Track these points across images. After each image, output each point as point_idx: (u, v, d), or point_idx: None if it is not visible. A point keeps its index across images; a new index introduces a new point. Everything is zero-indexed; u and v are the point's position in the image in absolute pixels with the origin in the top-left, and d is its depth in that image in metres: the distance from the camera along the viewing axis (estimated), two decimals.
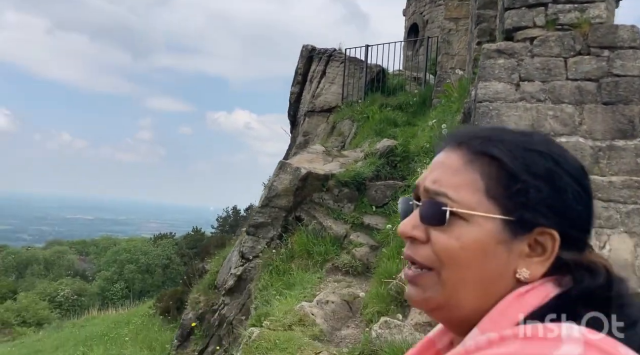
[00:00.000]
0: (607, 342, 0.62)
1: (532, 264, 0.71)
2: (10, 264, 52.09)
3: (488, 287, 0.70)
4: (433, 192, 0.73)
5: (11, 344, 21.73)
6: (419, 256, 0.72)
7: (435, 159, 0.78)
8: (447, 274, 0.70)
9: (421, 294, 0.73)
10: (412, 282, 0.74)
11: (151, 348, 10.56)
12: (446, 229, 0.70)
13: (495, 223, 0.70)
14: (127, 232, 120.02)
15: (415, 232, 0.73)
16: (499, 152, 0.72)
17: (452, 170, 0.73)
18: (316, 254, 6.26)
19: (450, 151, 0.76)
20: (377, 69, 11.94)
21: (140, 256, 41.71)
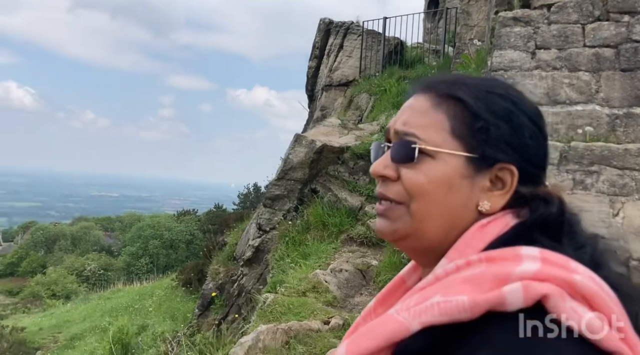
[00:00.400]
0: (560, 258, 0.68)
1: (493, 197, 0.76)
2: (39, 239, 53.60)
3: (452, 219, 0.76)
4: (402, 133, 0.78)
5: (42, 315, 22.58)
6: (390, 192, 0.78)
7: (405, 103, 0.83)
8: (415, 206, 0.75)
9: (390, 225, 0.78)
10: (382, 215, 0.79)
11: (174, 318, 10.88)
12: (415, 165, 0.76)
13: (459, 159, 0.75)
14: (151, 208, 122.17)
15: (387, 170, 0.78)
16: (463, 94, 0.78)
17: (420, 113, 0.79)
18: (331, 225, 6.34)
19: (418, 96, 0.81)
20: (395, 42, 11.80)
21: (164, 232, 42.49)
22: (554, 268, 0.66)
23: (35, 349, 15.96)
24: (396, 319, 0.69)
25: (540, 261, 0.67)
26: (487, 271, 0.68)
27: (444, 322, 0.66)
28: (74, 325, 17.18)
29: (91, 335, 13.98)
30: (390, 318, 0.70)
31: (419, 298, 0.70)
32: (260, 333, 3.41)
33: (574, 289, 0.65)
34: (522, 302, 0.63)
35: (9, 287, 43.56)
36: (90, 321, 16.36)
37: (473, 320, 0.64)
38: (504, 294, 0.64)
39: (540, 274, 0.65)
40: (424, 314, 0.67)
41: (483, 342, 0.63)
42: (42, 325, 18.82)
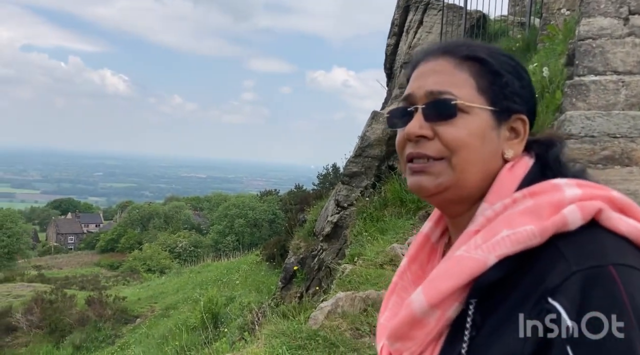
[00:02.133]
0: (587, 182, 0.80)
1: (514, 145, 0.86)
2: (135, 217, 57.48)
3: (486, 167, 0.84)
4: (437, 93, 0.84)
5: (140, 287, 24.39)
6: (429, 150, 0.83)
7: (421, 69, 0.88)
8: (457, 159, 0.82)
9: (433, 180, 0.83)
10: (422, 171, 0.84)
11: (259, 290, 11.43)
12: (453, 122, 0.82)
13: (487, 113, 0.84)
14: (236, 189, 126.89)
15: (423, 130, 0.83)
16: (483, 54, 0.87)
17: (447, 74, 0.85)
18: (409, 201, 6.37)
19: (436, 60, 0.87)
20: (478, 16, 11.40)
21: (249, 211, 44.11)
22: (592, 189, 0.77)
23: (135, 316, 17.37)
24: (472, 257, 0.75)
25: (577, 186, 0.77)
26: (540, 202, 0.76)
27: (517, 251, 0.73)
28: (169, 296, 18.47)
29: (184, 305, 14.99)
30: (464, 257, 0.76)
31: (484, 236, 0.77)
32: (339, 299, 3.58)
33: (613, 203, 0.76)
34: (580, 220, 0.73)
35: (110, 262, 47.40)
36: (182, 293, 17.52)
37: (541, 245, 0.73)
38: (565, 215, 0.73)
39: (585, 195, 0.76)
40: (497, 247, 0.74)
41: (556, 257, 0.72)
42: (140, 295, 20.38)
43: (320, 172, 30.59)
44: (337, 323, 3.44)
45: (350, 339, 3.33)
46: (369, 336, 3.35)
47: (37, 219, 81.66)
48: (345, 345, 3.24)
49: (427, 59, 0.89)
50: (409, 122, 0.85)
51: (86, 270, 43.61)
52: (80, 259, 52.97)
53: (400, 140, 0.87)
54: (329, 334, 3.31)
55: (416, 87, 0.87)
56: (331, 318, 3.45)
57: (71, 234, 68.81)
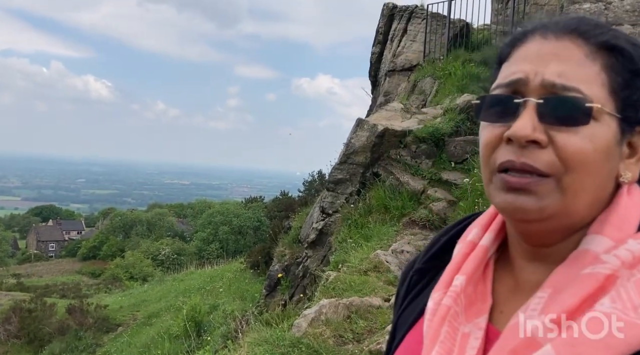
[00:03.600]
0: None
1: (631, 166, 0.68)
2: (117, 224, 56.84)
3: (600, 192, 0.66)
4: (561, 87, 0.64)
5: (122, 295, 24.09)
6: (540, 162, 0.63)
7: (536, 47, 0.67)
8: (570, 180, 0.63)
9: (538, 202, 0.63)
10: (525, 189, 0.64)
11: (243, 298, 11.36)
12: (578, 129, 0.63)
13: (615, 122, 0.65)
14: (220, 196, 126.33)
15: (538, 134, 0.63)
16: (627, 46, 0.67)
17: (576, 63, 0.65)
18: (393, 208, 6.40)
19: (560, 40, 0.67)
20: (461, 25, 11.55)
21: (233, 218, 43.89)
22: None
23: (116, 325, 17.13)
24: (637, 323, 0.57)
25: None
26: None
27: None
28: (151, 304, 18.26)
29: (166, 313, 14.83)
30: (626, 321, 0.57)
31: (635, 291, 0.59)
32: (322, 306, 3.57)
33: None
34: None
35: (92, 269, 46.73)
36: (165, 301, 17.34)
37: None
38: None
39: None
40: None
41: None
42: (122, 303, 20.12)
43: (305, 179, 30.61)
44: (320, 330, 3.43)
45: (334, 347, 3.32)
46: (352, 343, 3.35)
47: (17, 226, 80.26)
48: (328, 353, 3.23)
49: (545, 35, 0.68)
50: (510, 117, 0.65)
51: (67, 278, 42.94)
52: (61, 266, 52.14)
53: (492, 140, 0.67)
54: (312, 342, 3.30)
55: (531, 72, 0.66)
56: (314, 325, 3.44)
57: (52, 241, 67.76)
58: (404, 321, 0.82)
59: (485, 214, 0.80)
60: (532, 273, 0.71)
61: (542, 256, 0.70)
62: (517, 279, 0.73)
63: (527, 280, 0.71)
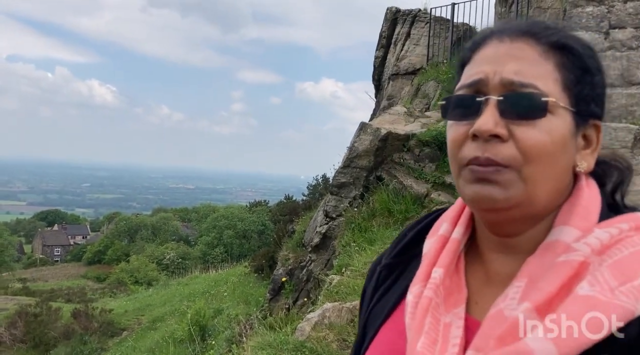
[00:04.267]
0: None
1: (587, 156, 0.73)
2: (122, 229, 56.97)
3: (559, 182, 0.70)
4: (519, 84, 0.68)
5: (126, 299, 24.12)
6: (501, 155, 0.67)
7: (493, 50, 0.72)
8: (530, 170, 0.67)
9: (503, 192, 0.67)
10: (489, 179, 0.67)
11: (247, 302, 11.37)
12: (535, 123, 0.67)
13: (569, 115, 0.70)
14: (225, 200, 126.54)
15: (499, 129, 0.67)
16: (576, 45, 0.71)
17: (530, 62, 0.69)
18: (397, 212, 6.40)
19: (514, 41, 0.71)
20: (464, 28, 11.56)
21: (237, 222, 43.89)
22: None
23: (121, 329, 17.16)
24: (615, 303, 0.61)
25: None
26: None
27: None
28: (156, 308, 18.29)
29: (171, 317, 14.86)
30: (605, 303, 0.61)
31: (616, 276, 0.63)
32: (326, 310, 3.58)
33: None
34: None
35: (97, 274, 46.86)
36: (170, 305, 17.36)
37: None
38: None
39: None
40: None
41: None
42: (127, 308, 20.16)
43: (310, 183, 30.64)
44: (323, 334, 3.43)
45: (337, 350, 3.32)
46: None
47: (22, 230, 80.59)
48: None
49: (500, 38, 0.72)
50: (474, 115, 0.69)
51: (72, 282, 43.06)
52: (67, 271, 52.30)
53: (458, 137, 0.70)
54: (315, 346, 3.30)
55: (490, 72, 0.70)
56: (318, 329, 3.45)
57: (57, 246, 67.98)
58: (376, 316, 0.83)
59: (452, 209, 0.82)
60: (502, 265, 0.74)
61: (510, 247, 0.73)
62: (487, 271, 0.76)
63: (497, 271, 0.74)
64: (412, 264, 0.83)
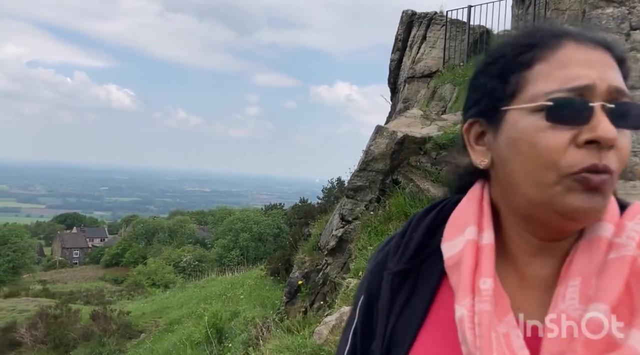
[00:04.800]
0: None
1: None
2: (140, 232, 57.53)
3: None
4: (623, 93, 0.68)
5: (144, 301, 24.32)
6: (613, 164, 0.67)
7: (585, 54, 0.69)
8: (615, 177, 0.68)
9: (604, 201, 0.67)
10: (601, 189, 0.66)
11: (263, 305, 11.39)
12: (626, 132, 0.69)
13: None
14: (241, 203, 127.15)
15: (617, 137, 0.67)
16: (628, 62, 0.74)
17: (616, 71, 0.70)
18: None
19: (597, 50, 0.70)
20: (481, 30, 11.50)
21: (253, 225, 44.03)
22: None
23: (139, 331, 17.32)
24: None
25: None
26: None
27: None
28: (173, 311, 18.41)
29: (188, 320, 14.94)
30: None
31: None
32: (343, 313, 3.58)
33: None
34: None
35: (115, 276, 47.38)
36: (187, 308, 17.47)
37: None
38: None
39: None
40: None
41: None
42: (145, 310, 20.33)
43: (325, 186, 30.65)
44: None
45: None
46: None
47: (42, 233, 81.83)
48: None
49: (579, 42, 0.70)
50: (583, 120, 0.66)
51: (91, 284, 43.59)
52: (85, 273, 52.96)
53: (561, 143, 0.66)
54: (333, 349, 3.31)
55: (597, 78, 0.68)
56: (336, 333, 3.45)
57: (76, 249, 68.88)
58: (405, 328, 0.76)
59: (467, 207, 0.77)
60: (540, 268, 0.73)
61: (547, 250, 0.72)
62: (522, 274, 0.74)
63: (535, 275, 0.73)
64: (425, 268, 0.78)
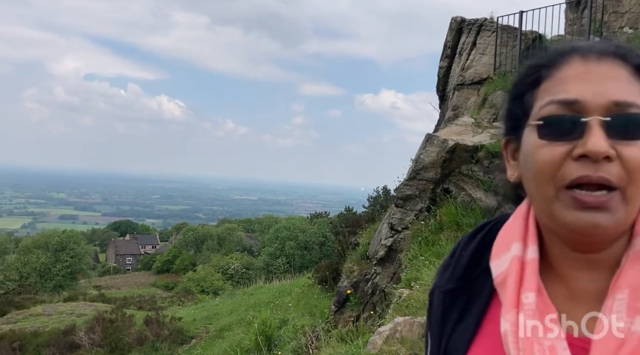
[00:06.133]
0: None
1: None
2: (190, 239, 58.88)
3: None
4: (625, 104, 0.68)
5: (194, 308, 24.85)
6: (612, 175, 0.67)
7: (585, 69, 0.72)
8: (632, 190, 0.68)
9: (613, 217, 0.67)
10: (603, 207, 0.67)
11: (312, 313, 11.43)
12: (637, 142, 0.68)
13: None
14: (287, 211, 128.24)
15: (611, 150, 0.67)
16: None
17: (626, 81, 0.70)
18: (466, 225, 6.27)
19: (605, 62, 0.72)
20: (533, 36, 11.22)
21: (299, 234, 44.32)
22: None
23: (190, 337, 17.69)
24: None
25: None
26: None
27: None
28: (222, 317, 18.72)
29: (238, 327, 15.16)
30: None
31: None
32: (397, 324, 3.57)
33: None
34: None
35: (166, 283, 48.63)
36: (236, 315, 17.73)
37: None
38: None
39: None
40: None
41: None
42: (195, 316, 20.75)
43: (370, 195, 30.51)
44: (395, 348, 3.42)
45: None
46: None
47: (97, 240, 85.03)
48: None
49: (585, 57, 0.73)
50: (576, 135, 0.68)
51: (143, 290, 44.88)
52: (137, 279, 54.61)
53: (557, 158, 0.69)
54: None
55: (589, 93, 0.70)
56: (390, 343, 3.44)
57: (129, 255, 71.17)
58: (457, 344, 0.80)
59: (513, 224, 0.80)
60: (588, 281, 0.74)
61: (594, 263, 0.73)
62: (570, 288, 0.75)
63: (583, 288, 0.74)
64: (478, 286, 0.80)
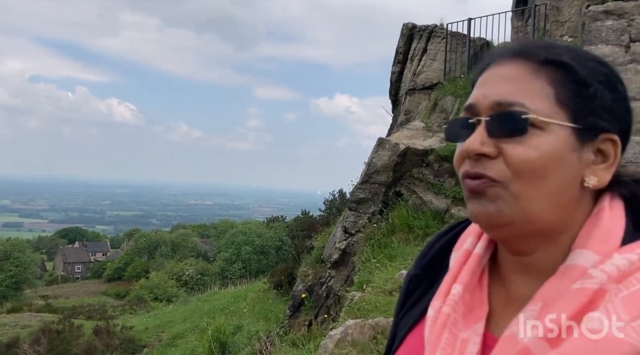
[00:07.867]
0: None
1: (599, 171, 0.71)
2: (142, 245, 57.43)
3: (560, 198, 0.70)
4: (507, 104, 0.70)
5: (147, 316, 24.23)
6: (490, 170, 0.69)
7: (489, 74, 0.75)
8: (519, 186, 0.68)
9: (494, 205, 0.69)
10: (479, 192, 0.70)
11: (266, 318, 11.36)
12: (522, 139, 0.68)
13: (567, 131, 0.70)
14: (243, 216, 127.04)
15: (485, 147, 0.70)
16: (566, 58, 0.72)
17: (519, 81, 0.71)
18: (417, 227, 6.39)
19: (507, 63, 0.73)
20: (481, 43, 11.58)
21: (255, 238, 43.95)
22: None
23: (142, 346, 17.24)
24: (627, 341, 0.60)
25: None
26: None
27: None
28: (176, 325, 18.34)
29: (191, 334, 14.88)
30: (617, 340, 0.60)
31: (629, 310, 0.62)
32: (348, 327, 3.58)
33: None
34: None
35: (117, 290, 47.22)
36: (190, 322, 17.41)
37: None
38: None
39: None
40: None
41: None
42: (148, 325, 20.24)
43: (326, 198, 30.59)
44: (347, 351, 3.43)
45: None
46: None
47: (44, 248, 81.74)
48: None
49: (497, 62, 0.75)
50: (467, 136, 0.72)
51: (93, 299, 43.39)
52: (87, 288, 52.77)
53: (457, 157, 0.74)
54: None
55: (480, 96, 0.73)
56: (341, 346, 3.45)
57: (78, 263, 68.73)
58: (402, 327, 0.86)
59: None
60: (522, 286, 0.74)
61: (526, 267, 0.74)
62: (508, 292, 0.77)
63: (518, 293, 0.75)
64: (440, 277, 0.83)
